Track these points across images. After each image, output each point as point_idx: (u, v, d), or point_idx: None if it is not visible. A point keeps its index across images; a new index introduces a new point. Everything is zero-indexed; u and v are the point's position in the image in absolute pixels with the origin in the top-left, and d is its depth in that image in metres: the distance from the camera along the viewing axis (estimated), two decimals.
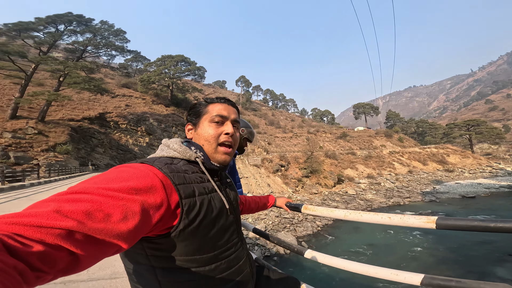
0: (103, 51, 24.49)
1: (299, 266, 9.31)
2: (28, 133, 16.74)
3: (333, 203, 18.99)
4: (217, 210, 0.65)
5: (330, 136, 44.61)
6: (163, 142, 0.75)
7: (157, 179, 0.54)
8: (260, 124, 46.67)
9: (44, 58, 18.57)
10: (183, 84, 34.35)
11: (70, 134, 19.06)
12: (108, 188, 0.46)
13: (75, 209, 0.39)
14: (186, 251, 0.60)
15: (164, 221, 0.54)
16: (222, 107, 0.76)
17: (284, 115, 69.77)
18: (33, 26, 20.22)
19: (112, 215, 0.42)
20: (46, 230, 0.35)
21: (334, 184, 23.57)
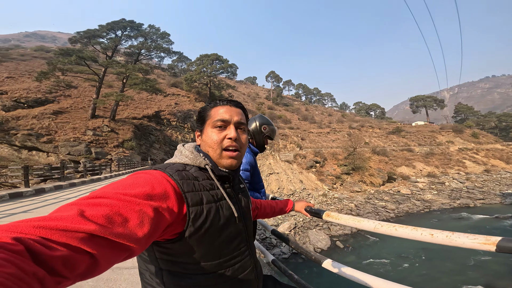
0: (153, 53, 27.11)
1: None
2: (104, 130, 19.22)
3: (380, 202, 16.92)
4: (225, 219, 0.65)
5: (379, 131, 40.95)
6: (178, 147, 0.75)
7: (169, 185, 0.56)
8: (293, 119, 45.22)
9: (110, 62, 21.64)
10: (218, 82, 35.97)
11: (134, 131, 21.25)
12: (125, 193, 0.48)
13: (96, 213, 0.41)
14: (191, 257, 0.61)
15: (173, 227, 0.56)
16: (224, 110, 0.74)
17: (319, 109, 66.71)
18: (98, 33, 23.67)
19: (130, 219, 0.44)
20: (71, 234, 0.36)
21: (383, 182, 21.59)
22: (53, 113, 18.71)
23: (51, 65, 19.43)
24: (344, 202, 16.97)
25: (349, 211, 15.10)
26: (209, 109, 0.75)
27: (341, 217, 1.14)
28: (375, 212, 14.85)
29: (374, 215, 14.39)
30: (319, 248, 9.65)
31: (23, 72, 27.02)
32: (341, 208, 15.77)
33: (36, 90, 21.61)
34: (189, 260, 0.60)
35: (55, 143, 15.77)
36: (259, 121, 1.87)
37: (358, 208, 15.65)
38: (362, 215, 14.33)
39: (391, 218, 14.09)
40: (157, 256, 0.61)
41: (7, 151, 14.54)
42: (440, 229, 0.79)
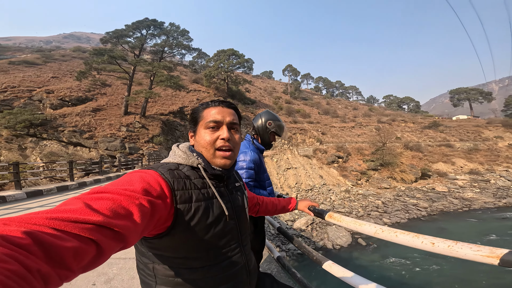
0: (175, 51, 27.88)
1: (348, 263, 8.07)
2: (136, 126, 20.32)
3: (411, 200, 15.96)
4: (214, 217, 0.67)
5: (413, 126, 38.64)
6: (173, 147, 0.77)
7: (163, 182, 0.60)
8: (312, 114, 43.45)
9: (138, 60, 22.76)
10: (235, 77, 36.05)
11: (161, 127, 22.21)
12: (125, 189, 0.51)
13: (102, 205, 0.43)
14: (178, 252, 0.63)
15: (161, 223, 0.58)
16: (216, 111, 0.75)
17: (343, 103, 63.31)
18: (125, 33, 24.82)
19: (132, 212, 0.47)
20: (81, 225, 0.37)
21: (416, 179, 20.35)
22: (92, 111, 20.47)
23: (87, 65, 21.01)
24: (370, 199, 16.24)
25: (375, 208, 14.47)
26: (201, 110, 0.76)
27: (343, 219, 1.14)
28: (405, 210, 14.03)
29: (404, 213, 13.60)
30: (338, 245, 9.38)
31: (65, 72, 29.81)
32: (365, 205, 15.15)
33: (77, 89, 23.73)
34: (176, 255, 0.63)
35: (95, 139, 17.29)
36: (264, 117, 1.83)
37: (385, 205, 14.92)
38: (390, 212, 13.65)
39: (423, 216, 13.23)
40: (147, 250, 0.64)
41: (57, 147, 16.39)
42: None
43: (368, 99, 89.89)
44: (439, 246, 0.74)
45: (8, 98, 19.48)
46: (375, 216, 13.09)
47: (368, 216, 13.13)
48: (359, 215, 13.36)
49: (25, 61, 30.69)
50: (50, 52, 44.27)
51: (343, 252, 8.94)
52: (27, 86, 22.19)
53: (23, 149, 15.82)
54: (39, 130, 16.38)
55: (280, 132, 1.83)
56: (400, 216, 12.99)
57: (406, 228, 11.16)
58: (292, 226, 11.07)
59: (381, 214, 13.43)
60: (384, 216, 13.11)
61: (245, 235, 0.79)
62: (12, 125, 15.45)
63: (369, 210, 13.99)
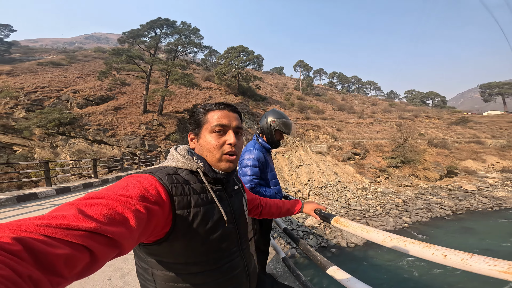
0: (188, 49, 28.04)
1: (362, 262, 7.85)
2: (154, 124, 20.93)
3: (434, 198, 15.28)
4: (213, 222, 0.66)
5: (439, 122, 37.32)
6: (170, 151, 0.76)
7: (160, 188, 0.58)
8: (326, 110, 42.42)
9: (154, 59, 23.26)
10: (246, 74, 35.85)
11: (177, 124, 22.71)
12: (121, 194, 0.50)
13: (96, 212, 0.42)
14: (179, 258, 0.63)
15: (159, 229, 0.57)
16: (222, 115, 0.74)
17: (360, 99, 61.12)
18: (140, 33, 25.39)
19: (128, 218, 0.46)
20: (73, 232, 0.36)
21: (441, 177, 19.66)
22: (114, 109, 21.41)
23: (107, 65, 21.84)
24: (389, 196, 15.69)
25: (395, 207, 13.97)
26: (205, 113, 0.75)
27: (349, 224, 1.11)
28: (427, 209, 13.43)
29: (426, 211, 13.03)
30: (353, 244, 9.17)
31: (88, 72, 31.35)
32: (384, 203, 14.67)
33: (100, 88, 24.89)
34: (175, 260, 0.63)
35: (117, 137, 18.13)
36: (268, 116, 1.83)
37: (406, 204, 14.37)
38: (411, 211, 13.12)
39: (447, 215, 12.59)
40: (146, 256, 0.64)
41: (84, 145, 17.47)
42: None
43: (388, 94, 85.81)
44: (452, 258, 0.69)
45: (39, 98, 20.86)
46: (394, 215, 12.65)
47: (386, 215, 12.71)
48: (377, 213, 12.96)
49: (52, 62, 32.47)
50: (74, 53, 46.72)
51: (357, 251, 8.74)
52: (55, 86, 23.62)
53: (55, 147, 17.04)
54: (67, 129, 17.46)
55: (285, 129, 1.80)
56: (422, 215, 12.48)
57: (428, 227, 10.95)
58: (304, 223, 10.98)
59: (400, 212, 12.99)
60: (404, 214, 12.66)
61: (245, 239, 0.79)
62: (44, 124, 16.56)
63: (388, 209, 13.55)
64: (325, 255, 8.50)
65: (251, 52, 36.64)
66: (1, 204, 4.79)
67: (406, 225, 11.29)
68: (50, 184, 6.67)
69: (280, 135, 1.84)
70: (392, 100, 73.47)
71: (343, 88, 77.75)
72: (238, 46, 37.36)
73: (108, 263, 2.34)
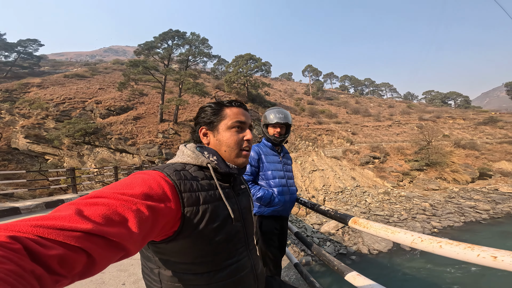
0: (198, 59, 29.04)
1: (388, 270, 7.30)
2: (170, 133, 21.56)
3: (467, 201, 14.37)
4: (221, 220, 0.65)
5: (464, 122, 35.71)
6: (180, 147, 0.76)
7: (166, 185, 0.56)
8: (339, 113, 41.61)
9: (168, 70, 24.20)
10: (254, 81, 36.24)
11: (191, 133, 23.91)
12: (123, 193, 0.48)
13: (94, 212, 0.41)
14: (185, 257, 0.61)
15: (169, 227, 0.56)
16: (240, 112, 0.77)
17: (375, 101, 59.41)
18: (154, 44, 26.49)
19: (127, 218, 0.44)
20: (67, 233, 0.36)
21: (473, 179, 18.72)
22: (133, 119, 22.40)
23: (126, 76, 22.95)
24: (415, 201, 14.96)
25: (422, 211, 13.26)
26: (221, 108, 0.76)
27: (371, 225, 1.00)
28: (460, 213, 12.60)
29: (458, 215, 12.24)
30: (376, 250, 8.63)
31: (109, 83, 33.14)
32: (409, 207, 13.97)
33: (120, 99, 26.21)
34: (182, 260, 0.61)
35: (137, 146, 18.82)
36: (262, 117, 1.84)
37: (434, 208, 13.60)
38: (440, 216, 12.37)
39: (483, 219, 11.74)
40: (153, 254, 0.62)
41: (107, 154, 18.31)
42: None
43: (405, 95, 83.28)
44: (505, 260, 0.55)
45: (66, 109, 22.32)
46: (422, 220, 11.97)
47: (413, 220, 12.06)
48: (402, 218, 12.32)
49: (77, 75, 34.83)
50: (95, 65, 49.82)
51: (381, 258, 8.17)
52: (80, 97, 25.15)
53: (81, 156, 18.00)
54: (92, 138, 18.40)
55: (268, 120, 1.76)
56: (454, 219, 11.72)
57: (461, 232, 10.20)
58: (319, 230, 10.63)
59: (428, 217, 12.29)
60: (433, 219, 11.95)
61: (251, 239, 0.78)
62: (72, 133, 17.59)
63: (414, 213, 12.90)
64: (344, 263, 7.96)
65: (259, 60, 37.20)
66: (31, 210, 5.09)
67: (435, 230, 10.65)
68: (76, 191, 7.09)
69: (273, 128, 1.78)
70: (410, 101, 70.85)
71: (356, 91, 76.21)
72: (246, 54, 37.99)
73: (123, 268, 2.36)
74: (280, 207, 1.72)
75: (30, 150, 18.38)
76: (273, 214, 1.72)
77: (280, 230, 1.79)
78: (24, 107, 21.88)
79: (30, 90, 26.14)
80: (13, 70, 39.62)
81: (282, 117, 1.78)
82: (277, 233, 1.76)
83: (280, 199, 1.71)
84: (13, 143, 18.90)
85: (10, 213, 4.64)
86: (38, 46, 44.26)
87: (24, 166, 17.66)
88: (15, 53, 41.89)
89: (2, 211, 4.52)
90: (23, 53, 42.37)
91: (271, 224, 1.73)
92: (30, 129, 18.99)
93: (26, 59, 43.69)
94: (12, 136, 19.32)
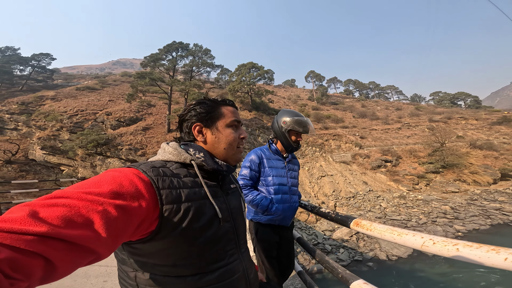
0: (202, 69, 29.85)
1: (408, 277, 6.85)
2: None
3: (491, 203, 13.81)
4: (206, 219, 0.61)
5: (477, 122, 35.15)
6: (162, 145, 0.72)
7: (140, 183, 0.52)
8: (346, 118, 41.22)
9: (173, 81, 24.83)
10: (257, 89, 36.63)
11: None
12: (88, 192, 0.44)
13: (51, 214, 0.38)
14: (165, 259, 0.57)
15: (145, 226, 0.52)
16: (235, 111, 0.78)
17: (382, 104, 59.08)
18: (159, 56, 27.27)
19: (92, 220, 0.41)
20: (16, 236, 0.33)
21: (495, 180, 18.20)
22: (142, 129, 22.83)
23: (134, 88, 23.57)
24: (433, 204, 14.44)
25: (442, 215, 12.74)
26: (217, 106, 0.75)
27: (374, 227, 0.91)
28: (485, 215, 12.05)
29: (484, 218, 11.72)
30: (395, 256, 8.25)
31: (118, 95, 34.05)
32: (428, 211, 13.46)
33: (129, 110, 26.84)
34: (162, 262, 0.56)
35: (146, 156, 19.07)
36: (279, 118, 1.69)
37: (456, 211, 13.03)
38: (463, 219, 11.85)
39: (511, 222, 11.16)
40: (129, 256, 0.57)
41: (118, 164, 18.59)
42: None
43: (412, 97, 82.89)
44: None
45: (79, 121, 23.01)
46: (443, 223, 11.49)
47: (433, 224, 11.60)
48: (421, 222, 11.86)
49: (88, 87, 36.03)
50: (105, 78, 51.45)
51: (401, 264, 7.75)
52: (92, 109, 25.93)
53: (94, 167, 18.31)
54: (104, 149, 18.82)
55: (299, 128, 1.63)
56: (479, 222, 11.22)
57: (490, 236, 9.63)
58: (331, 236, 10.30)
59: (450, 220, 11.82)
60: (456, 222, 11.47)
61: (243, 241, 0.73)
62: (84, 144, 18.04)
63: (434, 217, 12.42)
64: (360, 270, 7.74)
65: (261, 68, 37.61)
66: None
67: (460, 234, 10.19)
68: None
69: (296, 135, 1.68)
70: (418, 103, 70.28)
71: (361, 95, 76.02)
72: (248, 63, 38.80)
73: (108, 266, 2.30)
74: (278, 216, 1.60)
75: (46, 161, 18.94)
76: (270, 223, 1.62)
77: (280, 240, 1.66)
78: (40, 119, 22.66)
79: (45, 102, 27.18)
80: (28, 84, 41.38)
81: (312, 130, 1.73)
82: (275, 244, 1.63)
83: (278, 207, 1.59)
84: (30, 154, 19.48)
85: None
86: (50, 60, 46.19)
87: (41, 177, 18.09)
88: (29, 67, 43.92)
89: None
90: (37, 67, 44.36)
91: (268, 234, 1.62)
92: (46, 140, 19.59)
93: (40, 72, 45.66)
94: (29, 147, 19.95)
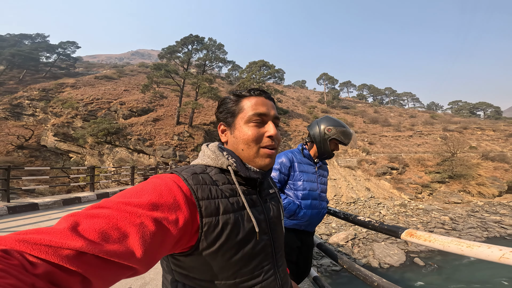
0: (214, 64, 29.70)
1: None
2: (184, 136, 22.10)
3: (492, 216, 13.53)
4: (244, 233, 0.56)
5: (494, 134, 33.80)
6: (202, 147, 0.67)
7: (180, 192, 0.49)
8: (356, 123, 40.32)
9: (187, 74, 25.24)
10: (267, 88, 36.15)
11: (204, 136, 23.87)
12: (128, 202, 0.43)
13: (90, 226, 0.37)
14: (204, 274, 0.54)
15: (185, 240, 0.50)
16: (259, 102, 0.63)
17: (396, 111, 56.72)
18: (176, 49, 27.61)
19: (128, 234, 0.39)
20: (53, 250, 0.32)
21: (500, 193, 17.89)
22: (153, 120, 23.46)
23: (149, 79, 24.21)
24: (433, 214, 14.19)
25: (440, 225, 12.49)
26: (238, 100, 0.64)
27: (434, 238, 0.81)
28: (482, 228, 11.79)
29: (481, 230, 11.48)
30: (387, 264, 8.21)
31: (133, 85, 35.23)
32: (427, 220, 13.23)
33: (142, 100, 27.67)
34: (201, 277, 0.54)
35: (154, 147, 19.65)
36: (323, 124, 1.65)
37: (454, 222, 12.78)
38: (461, 230, 11.64)
39: (508, 235, 10.90)
40: (172, 267, 0.56)
41: (125, 154, 19.36)
42: None
43: (429, 105, 79.31)
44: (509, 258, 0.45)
45: (94, 109, 24.05)
46: (439, 234, 11.26)
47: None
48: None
49: (106, 76, 37.33)
50: (123, 68, 53.30)
51: (392, 272, 7.79)
52: (107, 98, 26.95)
53: (101, 155, 19.25)
54: (113, 138, 19.57)
55: (344, 139, 1.61)
56: (475, 234, 11.10)
57: None
58: (327, 240, 10.35)
59: (447, 231, 11.69)
60: (452, 233, 11.38)
61: (280, 254, 0.66)
62: (95, 133, 18.82)
63: (431, 227, 12.29)
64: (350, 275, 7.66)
65: (272, 66, 37.27)
66: (49, 206, 5.24)
67: None
68: (93, 189, 7.29)
69: (335, 145, 1.66)
70: (434, 111, 66.96)
71: (375, 100, 73.48)
72: (259, 61, 38.28)
73: None
74: (305, 222, 1.58)
75: (57, 148, 19.90)
76: (295, 228, 1.59)
77: (301, 246, 1.63)
78: (57, 106, 23.98)
79: (64, 90, 28.57)
80: (51, 71, 43.78)
81: (354, 144, 1.77)
82: (296, 249, 1.59)
83: (306, 213, 1.56)
84: (42, 141, 20.72)
85: (28, 209, 4.82)
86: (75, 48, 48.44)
87: (49, 163, 19.07)
88: (55, 54, 46.24)
89: (21, 207, 4.71)
90: (62, 54, 46.69)
91: (291, 238, 1.58)
92: (60, 127, 20.72)
93: (64, 60, 48.10)
94: (42, 133, 21.23)
